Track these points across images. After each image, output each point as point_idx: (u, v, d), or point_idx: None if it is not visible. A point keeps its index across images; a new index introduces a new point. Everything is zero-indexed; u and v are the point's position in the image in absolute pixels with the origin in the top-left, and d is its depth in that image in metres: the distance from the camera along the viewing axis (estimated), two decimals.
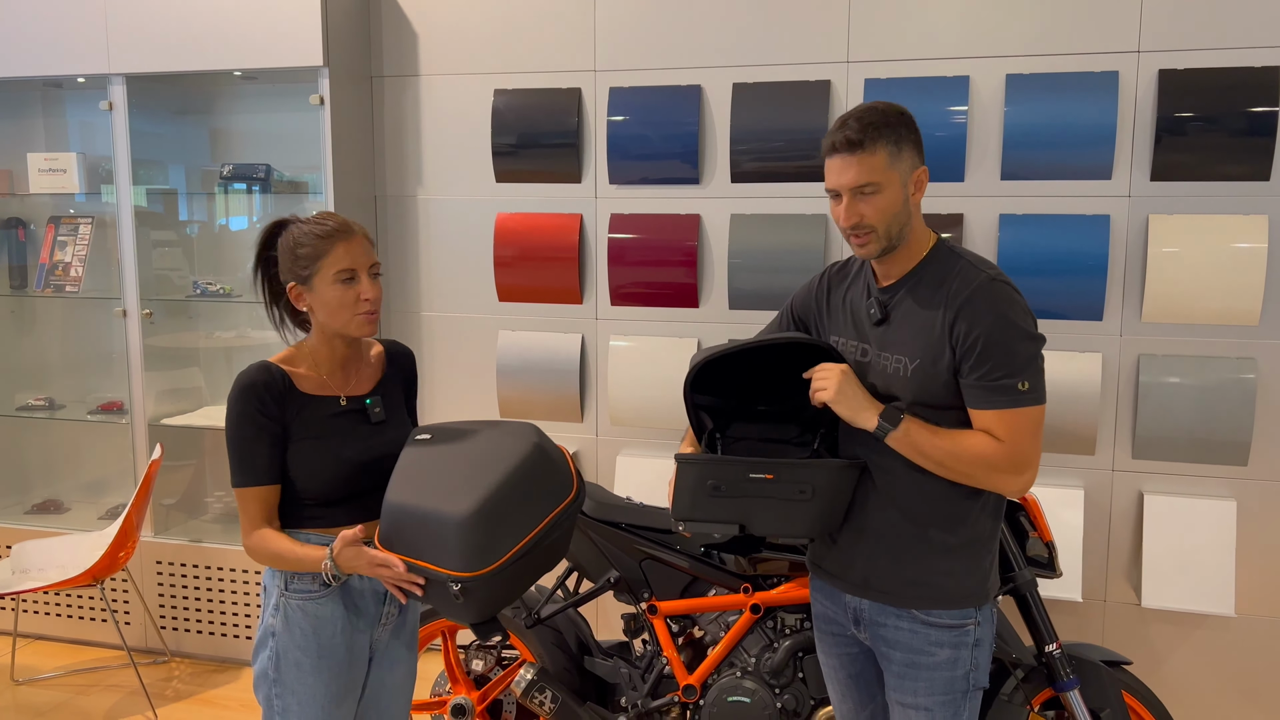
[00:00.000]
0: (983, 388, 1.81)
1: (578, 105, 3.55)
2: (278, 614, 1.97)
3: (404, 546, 1.82)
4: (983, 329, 1.80)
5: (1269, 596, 3.15)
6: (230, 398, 1.92)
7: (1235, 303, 3.04)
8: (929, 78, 3.24)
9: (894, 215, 1.86)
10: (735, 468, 1.90)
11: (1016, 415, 1.80)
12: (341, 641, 2.00)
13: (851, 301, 2.02)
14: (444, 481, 1.84)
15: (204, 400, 4.20)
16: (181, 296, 4.04)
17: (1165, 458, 3.16)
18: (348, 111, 3.65)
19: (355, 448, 1.98)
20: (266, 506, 1.94)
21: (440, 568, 1.78)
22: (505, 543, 1.81)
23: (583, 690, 2.81)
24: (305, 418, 1.95)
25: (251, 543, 1.94)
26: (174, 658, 3.97)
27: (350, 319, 1.95)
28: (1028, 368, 1.80)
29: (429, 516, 1.79)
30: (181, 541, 3.91)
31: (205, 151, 4.08)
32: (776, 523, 1.93)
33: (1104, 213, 3.15)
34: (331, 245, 1.92)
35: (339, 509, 1.98)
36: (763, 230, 3.40)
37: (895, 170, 1.85)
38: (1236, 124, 3.00)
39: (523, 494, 1.86)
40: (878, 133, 1.84)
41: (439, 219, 3.79)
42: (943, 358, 1.84)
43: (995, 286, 1.83)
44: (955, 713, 1.95)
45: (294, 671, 1.96)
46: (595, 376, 3.66)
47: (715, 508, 1.92)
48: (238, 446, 1.91)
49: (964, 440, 1.82)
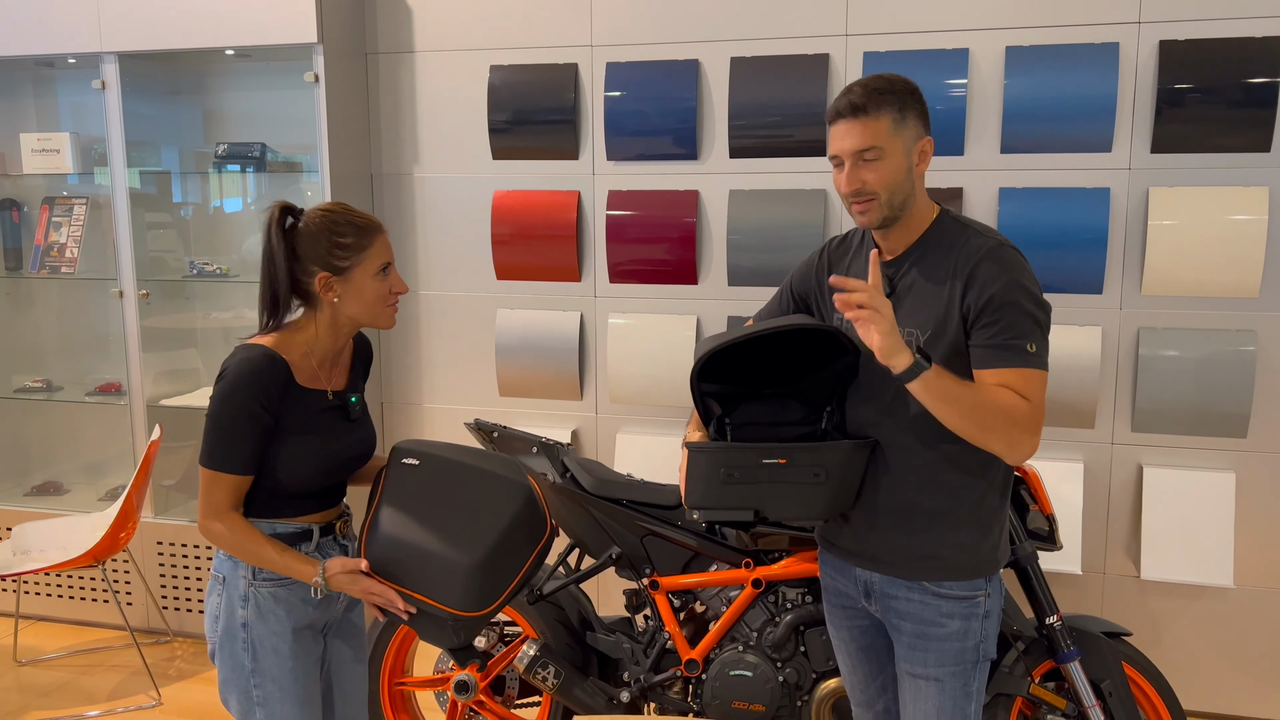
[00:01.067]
0: (993, 346, 1.80)
1: (574, 81, 3.52)
2: (248, 604, 1.95)
3: (400, 577, 1.91)
4: (993, 291, 1.79)
5: (1267, 568, 3.16)
6: (228, 382, 1.86)
7: (1235, 275, 3.04)
8: (928, 50, 3.22)
9: (897, 183, 1.85)
10: (748, 454, 1.90)
11: (1025, 375, 1.79)
12: (309, 622, 2.02)
13: (855, 276, 2.01)
14: (447, 521, 1.93)
15: (202, 381, 4.19)
16: (178, 277, 4.02)
17: (1164, 430, 3.16)
18: (343, 89, 3.62)
19: (336, 444, 1.99)
20: (237, 495, 1.90)
21: (441, 604, 1.88)
22: (502, 584, 1.94)
23: (585, 665, 2.82)
24: (298, 412, 1.93)
25: (218, 529, 1.89)
26: (176, 637, 3.98)
27: (382, 311, 1.97)
28: (1035, 332, 1.80)
29: (434, 556, 1.89)
30: (182, 522, 3.91)
31: (199, 131, 4.05)
32: (791, 506, 1.94)
33: (1104, 185, 3.14)
34: (374, 238, 1.93)
35: (310, 500, 1.99)
36: (762, 206, 3.39)
37: (899, 137, 1.84)
38: (1237, 95, 2.99)
39: (516, 538, 1.96)
40: (882, 98, 1.83)
41: (436, 197, 3.77)
42: (953, 326, 1.83)
43: (1004, 251, 1.83)
44: (965, 683, 1.96)
45: (272, 658, 1.96)
46: (594, 354, 3.65)
47: (729, 495, 1.93)
48: (224, 433, 1.86)
49: (991, 392, 1.79)
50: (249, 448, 1.87)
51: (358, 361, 2.12)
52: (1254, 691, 3.22)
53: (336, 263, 1.91)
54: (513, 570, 1.96)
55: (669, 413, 3.58)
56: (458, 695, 2.81)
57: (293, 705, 1.99)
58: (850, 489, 1.95)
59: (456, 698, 2.82)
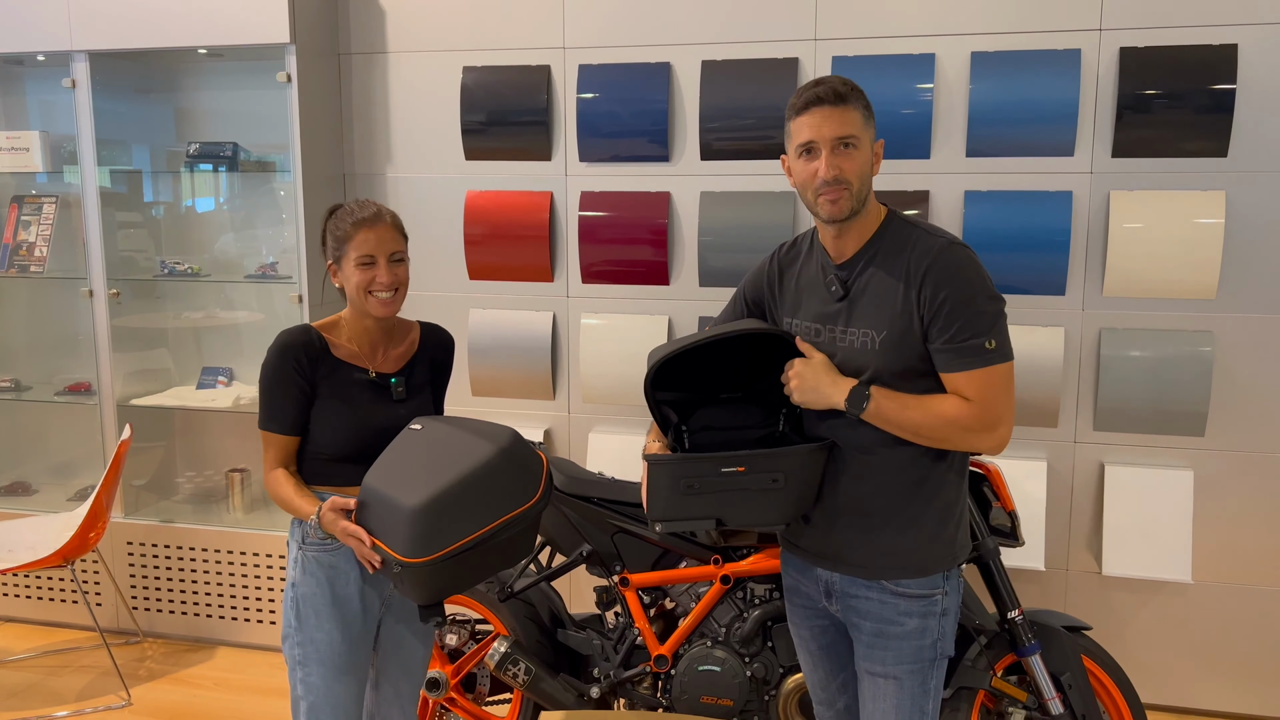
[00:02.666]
0: (951, 350, 1.85)
1: (547, 83, 3.55)
2: (297, 566, 2.17)
3: (368, 524, 2.00)
4: (948, 292, 1.84)
5: (1224, 563, 3.23)
6: (270, 351, 2.11)
7: (1193, 277, 3.11)
8: (895, 55, 3.27)
9: (865, 175, 1.90)
10: (706, 464, 1.93)
11: (986, 374, 1.84)
12: (355, 592, 2.17)
13: (806, 281, 2.04)
14: (411, 471, 1.99)
15: (172, 381, 4.18)
16: (149, 276, 4.01)
17: (1125, 429, 3.23)
18: (315, 89, 3.63)
19: (372, 415, 2.15)
20: (284, 452, 2.15)
21: (390, 549, 1.93)
22: (450, 537, 1.93)
23: (556, 662, 2.84)
24: (334, 380, 2.13)
25: (267, 480, 2.16)
26: (146, 638, 3.97)
27: (367, 299, 2.13)
28: (993, 326, 1.84)
29: (388, 501, 1.95)
30: (153, 522, 3.90)
31: (170, 130, 4.04)
32: (752, 513, 1.98)
33: (1066, 189, 3.20)
34: (357, 230, 2.11)
35: (348, 466, 2.14)
36: (732, 207, 3.43)
37: (868, 131, 1.91)
38: (1195, 101, 3.06)
39: (478, 493, 1.96)
40: (855, 93, 1.90)
41: (408, 197, 3.78)
42: (911, 326, 1.87)
43: (955, 250, 1.87)
44: (923, 681, 2.00)
45: (313, 619, 2.15)
46: (567, 354, 3.68)
47: (690, 505, 1.96)
48: (269, 396, 2.11)
49: (934, 406, 1.86)
50: (289, 410, 2.11)
51: (422, 353, 2.28)
52: (1211, 684, 3.29)
53: (335, 253, 2.17)
54: (471, 524, 1.94)
55: (641, 412, 3.61)
56: (428, 692, 2.83)
57: (329, 671, 2.15)
58: (810, 492, 1.98)
59: (427, 695, 2.84)
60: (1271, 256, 3.09)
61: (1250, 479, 3.18)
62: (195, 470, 4.22)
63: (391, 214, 2.16)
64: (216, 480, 4.19)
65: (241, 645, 3.89)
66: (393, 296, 2.13)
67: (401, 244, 2.16)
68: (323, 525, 2.05)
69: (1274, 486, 3.17)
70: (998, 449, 1.90)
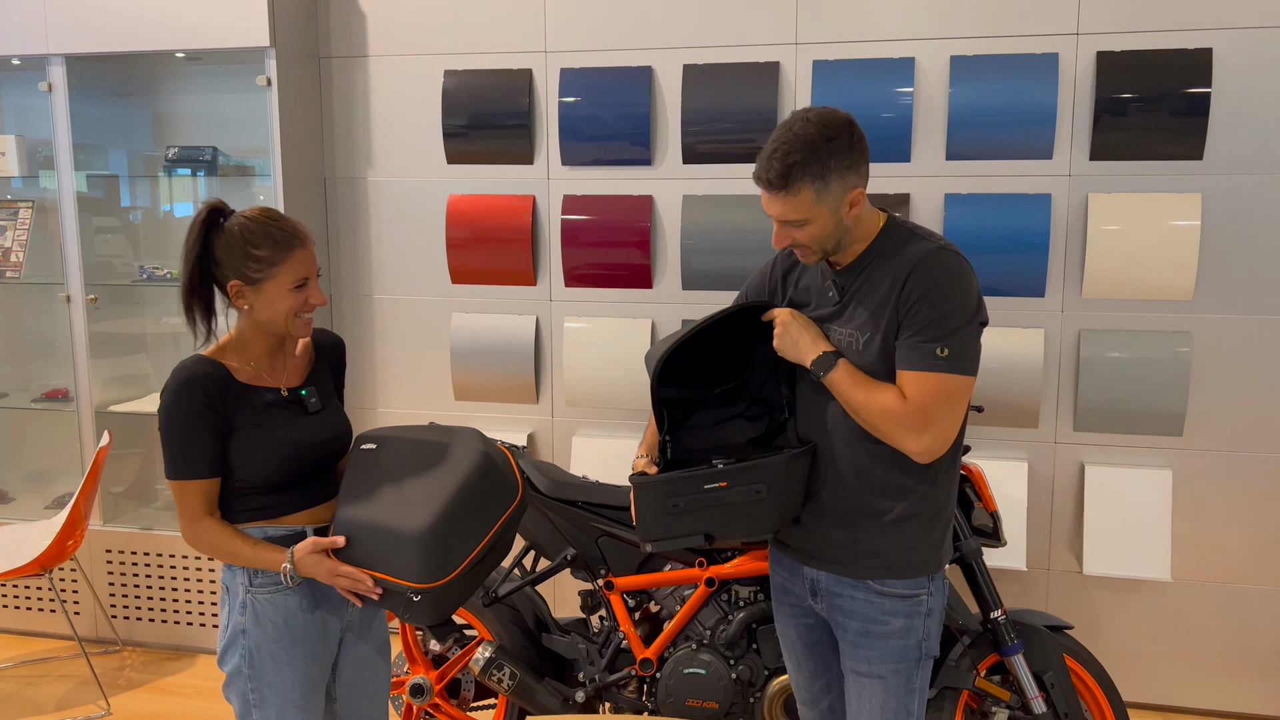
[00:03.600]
0: (905, 347, 1.85)
1: (529, 86, 3.55)
2: (245, 611, 1.97)
3: (361, 558, 1.91)
4: (922, 291, 1.83)
5: (1202, 561, 3.27)
6: (168, 392, 1.89)
7: (1171, 278, 3.14)
8: (876, 59, 3.28)
9: (826, 236, 1.88)
10: (689, 482, 1.93)
11: (929, 379, 1.82)
12: (314, 628, 2.02)
13: (807, 285, 2.05)
14: (397, 496, 1.92)
15: (151, 387, 4.14)
16: (127, 282, 3.98)
17: (1105, 429, 3.25)
18: (295, 93, 3.61)
19: (294, 435, 1.99)
20: (208, 499, 1.94)
21: (399, 579, 1.87)
22: (460, 553, 1.91)
23: (540, 667, 2.84)
24: (245, 408, 1.94)
25: (195, 534, 1.94)
26: (126, 647, 3.93)
27: (293, 322, 1.97)
28: (952, 335, 1.82)
29: (385, 531, 1.88)
30: (132, 529, 3.86)
31: (148, 134, 4.01)
32: (739, 526, 1.97)
33: (1045, 191, 3.22)
34: (290, 253, 1.92)
35: (282, 495, 1.99)
36: (715, 211, 3.43)
37: (822, 205, 1.84)
38: (1171, 104, 3.09)
39: (473, 504, 1.94)
40: (801, 171, 1.81)
41: (390, 201, 3.77)
42: (891, 327, 1.88)
43: (941, 255, 1.87)
44: (908, 680, 2.00)
45: (269, 665, 1.98)
46: (550, 358, 3.68)
47: (679, 524, 1.96)
48: (179, 440, 1.89)
49: (876, 392, 1.86)
50: (204, 450, 1.89)
51: (320, 359, 2.13)
52: (1190, 682, 3.32)
53: (251, 273, 1.92)
54: (474, 537, 1.93)
55: (625, 415, 3.61)
56: (413, 699, 2.81)
57: (290, 709, 2.00)
58: (795, 498, 1.99)
59: (411, 701, 2.83)
60: (1247, 258, 3.12)
61: (1227, 478, 3.21)
62: None
63: (306, 227, 1.99)
64: None
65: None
66: (311, 318, 2.00)
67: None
68: (301, 571, 1.92)
69: (1251, 485, 3.20)
70: (922, 455, 1.86)
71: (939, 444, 1.85)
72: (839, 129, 1.83)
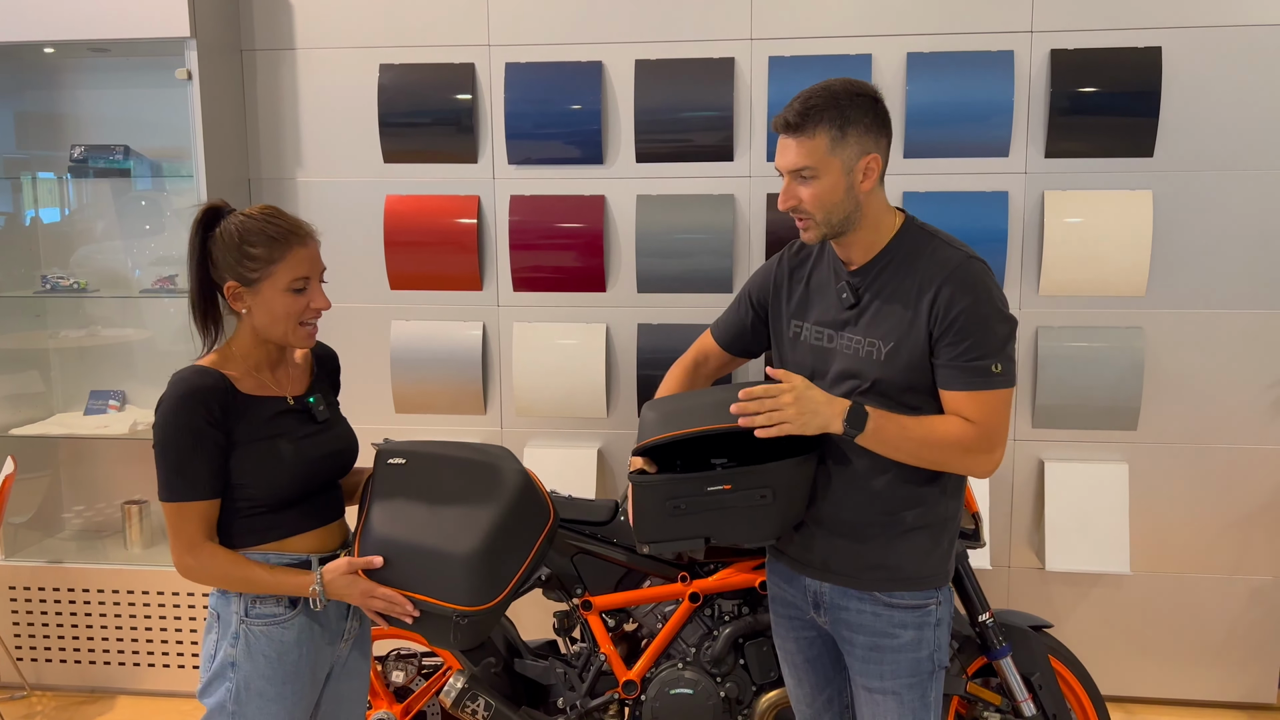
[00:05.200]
0: (957, 368, 1.79)
1: (472, 82, 3.38)
2: (238, 643, 1.82)
3: (399, 579, 1.80)
4: (962, 307, 1.77)
5: (1159, 553, 3.31)
6: (166, 406, 1.75)
7: (1124, 275, 3.17)
8: (832, 55, 3.23)
9: (833, 203, 1.81)
10: (691, 484, 1.84)
11: (990, 397, 1.78)
12: (306, 665, 1.87)
13: (817, 285, 1.96)
14: (437, 515, 1.84)
15: (53, 407, 3.81)
16: (28, 293, 3.64)
17: (1063, 425, 3.27)
18: (216, 88, 3.35)
19: (305, 446, 1.86)
20: (208, 522, 1.79)
21: (444, 602, 1.78)
22: (506, 575, 1.86)
23: (514, 694, 2.68)
24: (250, 420, 1.80)
25: (197, 562, 1.78)
26: (34, 691, 3.59)
27: (293, 330, 1.84)
28: (1001, 350, 1.79)
29: (430, 553, 1.80)
30: (38, 563, 3.53)
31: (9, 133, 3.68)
32: (741, 530, 1.89)
33: (1002, 189, 3.22)
34: (288, 249, 1.80)
35: (288, 514, 1.85)
36: (670, 211, 3.33)
37: (836, 157, 1.79)
38: (1123, 102, 3.12)
39: (516, 525, 1.90)
40: (820, 115, 1.78)
41: (321, 202, 3.54)
42: (919, 338, 1.81)
43: (973, 265, 1.81)
44: (923, 694, 1.93)
45: (257, 701, 1.82)
46: (498, 366, 3.51)
47: (678, 526, 1.87)
48: (177, 458, 1.74)
49: (936, 427, 1.79)
50: (205, 469, 1.75)
51: (321, 367, 2.02)
52: (1151, 672, 3.37)
53: (245, 273, 1.80)
54: (517, 559, 1.90)
55: (578, 424, 3.47)
56: None
57: None
58: (799, 504, 1.90)
59: None
60: (1197, 253, 3.18)
61: (1181, 469, 3.27)
62: (84, 504, 3.86)
63: (311, 226, 1.88)
64: (110, 514, 3.84)
65: (144, 693, 3.56)
66: (316, 326, 1.87)
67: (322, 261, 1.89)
68: (331, 592, 1.80)
69: (1204, 476, 3.26)
70: (991, 472, 1.85)
71: (1002, 456, 1.84)
72: (865, 90, 1.83)
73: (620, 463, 3.48)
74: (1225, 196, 3.14)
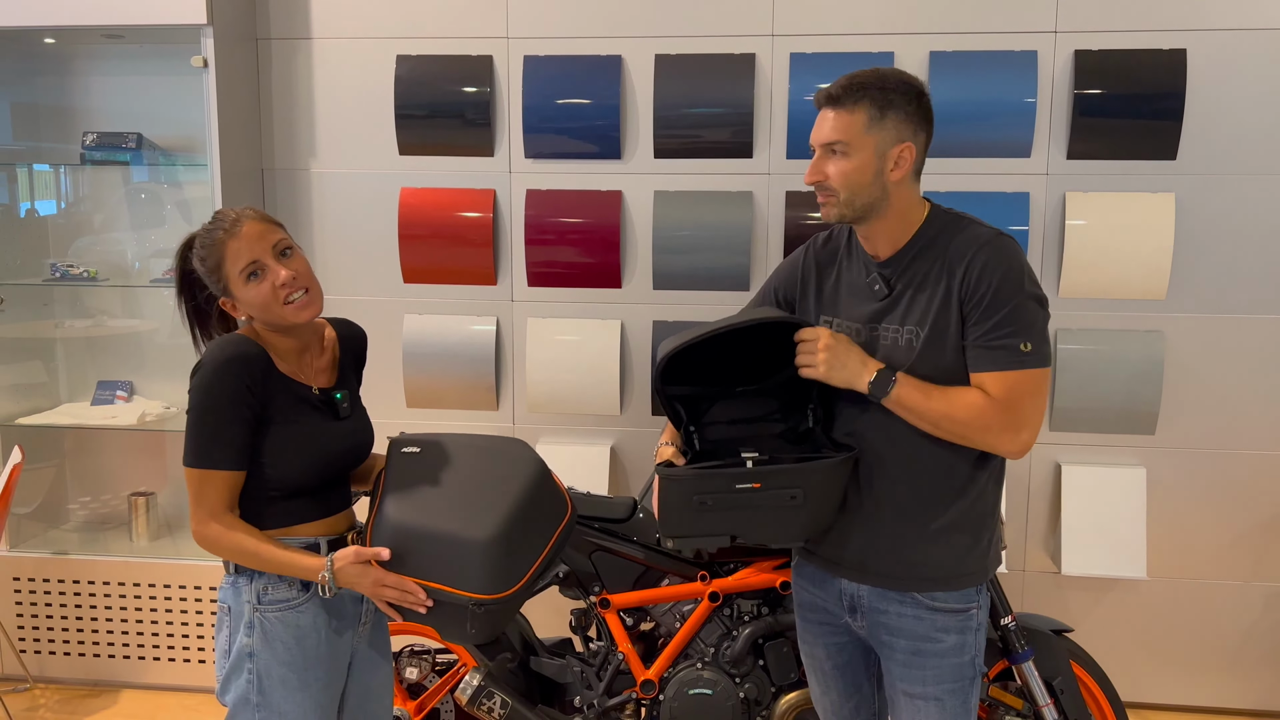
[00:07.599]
0: (985, 348, 1.75)
1: (490, 74, 3.35)
2: (253, 631, 1.79)
3: (413, 568, 1.74)
4: (991, 283, 1.74)
5: (1176, 558, 3.29)
6: (208, 369, 1.73)
7: (1145, 278, 3.15)
8: (854, 53, 3.20)
9: (860, 184, 1.79)
10: (720, 479, 1.81)
11: (1017, 376, 1.74)
12: (326, 650, 1.85)
13: (849, 280, 1.93)
14: (453, 502, 1.79)
15: (60, 398, 3.77)
16: (37, 281, 3.60)
17: (1080, 429, 3.25)
18: (232, 76, 3.32)
19: (324, 438, 1.85)
20: (231, 493, 1.77)
21: (460, 590, 1.72)
22: (524, 563, 1.81)
23: (529, 692, 2.65)
24: (283, 401, 1.80)
25: (214, 532, 1.76)
26: (38, 684, 3.55)
27: (280, 311, 1.80)
28: (1032, 328, 1.75)
29: (445, 539, 1.74)
30: (42, 555, 3.49)
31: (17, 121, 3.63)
32: (768, 530, 1.86)
33: (1023, 190, 3.20)
34: (223, 247, 1.79)
35: (300, 502, 1.83)
36: (688, 207, 3.30)
37: (871, 136, 1.77)
38: (1146, 104, 3.10)
39: (534, 514, 1.85)
40: (862, 93, 1.77)
41: (335, 194, 3.50)
42: (951, 320, 1.78)
43: (1002, 241, 1.79)
44: (965, 700, 1.90)
45: (280, 690, 1.79)
46: (511, 361, 3.48)
47: (704, 522, 1.84)
48: (210, 423, 1.73)
49: (957, 399, 1.76)
50: (238, 438, 1.75)
51: (345, 356, 1.99)
52: (1166, 678, 3.35)
53: (218, 284, 1.82)
54: (534, 550, 1.85)
55: (591, 421, 3.44)
56: None
57: None
58: (830, 507, 1.87)
59: None
60: (1218, 257, 3.16)
61: (1199, 475, 3.25)
62: (91, 495, 3.82)
63: (251, 209, 1.84)
64: (116, 506, 3.80)
65: (148, 687, 3.52)
66: (307, 296, 1.80)
67: (280, 231, 1.83)
68: (341, 580, 1.76)
69: (1222, 482, 3.24)
70: (1019, 454, 1.81)
71: (1032, 439, 1.79)
72: (911, 82, 1.82)
73: (633, 461, 3.45)
74: (1248, 201, 3.12)
